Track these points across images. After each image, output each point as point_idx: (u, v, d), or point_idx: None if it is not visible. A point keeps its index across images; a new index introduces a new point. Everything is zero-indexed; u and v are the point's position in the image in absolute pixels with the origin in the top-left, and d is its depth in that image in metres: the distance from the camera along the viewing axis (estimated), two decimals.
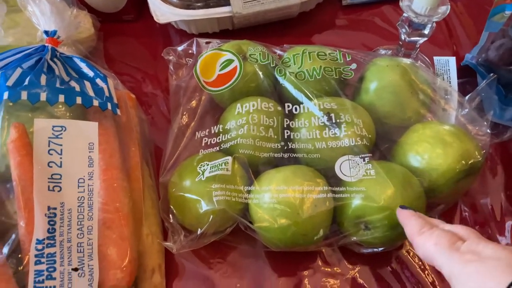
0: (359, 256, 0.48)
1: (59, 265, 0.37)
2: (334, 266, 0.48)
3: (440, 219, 0.39)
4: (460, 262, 0.32)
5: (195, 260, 0.49)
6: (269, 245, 0.45)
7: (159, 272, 0.46)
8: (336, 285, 0.47)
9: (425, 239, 0.35)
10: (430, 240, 0.35)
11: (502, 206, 0.53)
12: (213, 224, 0.44)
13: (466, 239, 0.34)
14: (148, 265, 0.45)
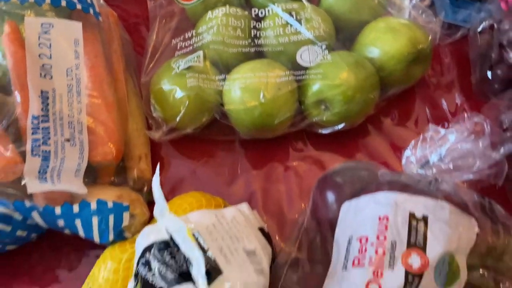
0: (324, 140, 0.53)
1: (53, 135, 0.43)
2: (302, 151, 0.54)
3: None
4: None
5: (177, 154, 0.55)
6: (241, 129, 0.51)
7: (145, 160, 0.51)
8: (304, 167, 0.53)
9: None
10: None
11: (456, 100, 0.58)
12: (189, 111, 0.49)
13: None
14: (135, 153, 0.51)
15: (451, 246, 0.33)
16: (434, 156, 0.42)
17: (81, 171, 0.44)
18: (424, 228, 0.34)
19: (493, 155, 0.41)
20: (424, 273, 0.32)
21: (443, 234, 0.34)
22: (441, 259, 0.33)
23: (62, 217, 0.41)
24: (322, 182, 0.43)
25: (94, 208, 0.42)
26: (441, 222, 0.34)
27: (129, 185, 0.48)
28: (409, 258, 0.33)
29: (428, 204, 0.35)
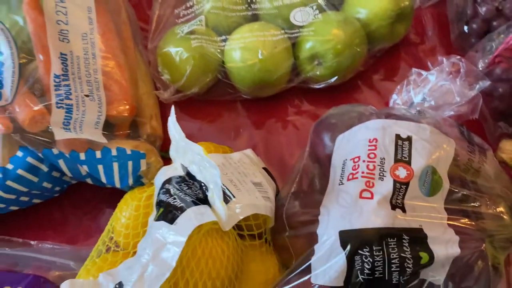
0: (318, 95, 0.58)
1: (73, 91, 0.47)
2: (298, 107, 0.59)
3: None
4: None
5: (184, 115, 0.60)
6: (242, 87, 0.56)
7: (156, 118, 0.56)
8: (302, 121, 0.58)
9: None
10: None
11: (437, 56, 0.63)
12: (194, 71, 0.54)
13: None
14: (146, 113, 0.55)
15: (432, 160, 0.38)
16: (418, 97, 0.47)
17: (100, 123, 0.48)
18: (408, 146, 0.39)
19: (469, 92, 0.46)
20: (409, 182, 0.37)
21: (425, 150, 0.39)
22: (424, 171, 0.38)
23: (86, 163, 0.46)
24: (318, 125, 0.47)
25: (115, 154, 0.47)
26: (423, 140, 0.39)
27: (143, 139, 0.52)
28: (397, 170, 0.37)
29: (411, 126, 0.40)
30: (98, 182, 0.50)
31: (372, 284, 0.34)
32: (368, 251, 0.34)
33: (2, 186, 0.46)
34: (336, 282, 0.35)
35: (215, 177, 0.36)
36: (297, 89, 0.59)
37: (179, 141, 0.40)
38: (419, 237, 0.35)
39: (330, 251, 0.35)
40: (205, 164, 0.37)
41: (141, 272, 0.35)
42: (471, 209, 0.39)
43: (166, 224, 0.37)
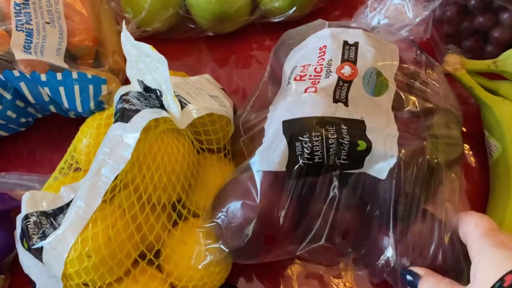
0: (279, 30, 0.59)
1: (34, 18, 0.48)
2: (260, 42, 0.61)
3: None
4: (489, 244, 0.33)
5: None
6: (203, 22, 0.57)
7: (119, 54, 0.57)
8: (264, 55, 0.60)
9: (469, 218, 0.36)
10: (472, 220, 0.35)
11: None
12: (154, 6, 0.55)
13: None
14: (109, 48, 0.56)
15: (376, 63, 0.40)
16: (375, 19, 0.49)
17: (61, 51, 0.49)
18: (355, 50, 0.41)
19: (422, 11, 0.48)
20: (353, 80, 0.39)
21: (370, 53, 0.40)
22: (369, 71, 0.40)
23: (47, 85, 0.47)
24: (277, 46, 0.49)
25: (75, 77, 0.48)
26: (369, 46, 0.41)
27: (105, 69, 0.53)
28: (342, 69, 0.39)
29: (358, 33, 0.42)
30: (61, 110, 0.51)
31: (312, 168, 0.36)
32: (308, 137, 0.36)
33: None
34: (279, 167, 0.36)
35: (164, 73, 0.37)
36: (258, 26, 0.61)
37: (132, 51, 0.41)
38: (358, 127, 0.37)
39: (273, 139, 0.37)
40: (155, 64, 0.38)
41: (98, 167, 0.37)
42: (416, 110, 0.41)
43: (122, 124, 0.38)
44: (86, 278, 0.36)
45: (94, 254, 0.35)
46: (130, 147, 0.36)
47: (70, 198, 0.41)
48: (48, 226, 0.39)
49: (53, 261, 0.36)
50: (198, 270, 0.39)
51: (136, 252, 0.37)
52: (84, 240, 0.35)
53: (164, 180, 0.38)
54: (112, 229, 0.36)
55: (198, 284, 0.39)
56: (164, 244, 0.39)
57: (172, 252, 0.39)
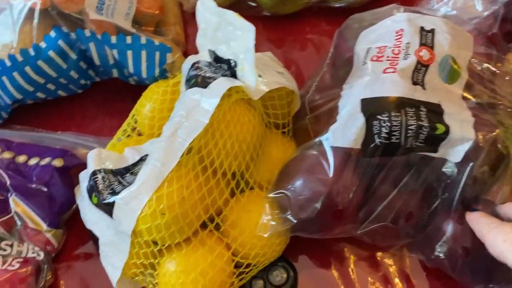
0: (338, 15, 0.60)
1: None
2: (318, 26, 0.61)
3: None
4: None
5: None
6: (264, 1, 0.57)
7: (180, 26, 0.57)
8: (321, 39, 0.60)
9: (494, 236, 0.35)
10: (498, 237, 0.34)
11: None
12: None
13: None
14: (170, 17, 0.56)
15: (452, 51, 0.40)
16: (442, 10, 0.49)
17: (130, 15, 0.50)
18: (431, 36, 0.41)
19: (491, 5, 0.48)
20: (430, 65, 0.39)
21: (446, 41, 0.41)
22: (445, 58, 0.40)
23: (116, 47, 0.47)
24: (342, 28, 0.49)
25: (144, 42, 0.48)
26: (445, 33, 0.41)
27: (168, 38, 0.54)
28: (421, 52, 0.39)
29: (435, 20, 0.42)
30: (123, 75, 0.51)
31: (388, 148, 0.36)
32: (387, 116, 0.36)
33: (33, 65, 0.48)
34: (353, 144, 0.37)
35: (249, 40, 0.37)
36: (317, 9, 0.61)
37: (210, 19, 0.41)
38: (436, 111, 0.37)
39: (349, 116, 0.37)
40: (237, 32, 0.39)
41: (174, 128, 0.37)
42: (488, 101, 0.42)
43: (200, 89, 0.38)
44: (157, 235, 0.37)
45: (168, 212, 0.36)
46: (209, 113, 0.37)
47: (135, 160, 0.42)
48: (116, 184, 0.40)
49: (125, 216, 0.37)
50: (261, 238, 0.39)
51: (206, 215, 0.38)
52: (159, 198, 0.36)
53: (236, 148, 0.39)
54: (186, 189, 0.36)
55: (259, 253, 0.40)
56: (231, 210, 0.40)
57: (238, 218, 0.39)
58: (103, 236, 0.40)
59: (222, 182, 0.39)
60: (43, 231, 0.43)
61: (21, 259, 0.43)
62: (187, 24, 0.61)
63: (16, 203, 0.43)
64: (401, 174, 0.38)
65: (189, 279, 0.38)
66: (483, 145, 0.38)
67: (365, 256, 0.45)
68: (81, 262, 0.47)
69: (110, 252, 0.41)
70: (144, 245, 0.38)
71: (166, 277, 0.39)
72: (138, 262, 0.40)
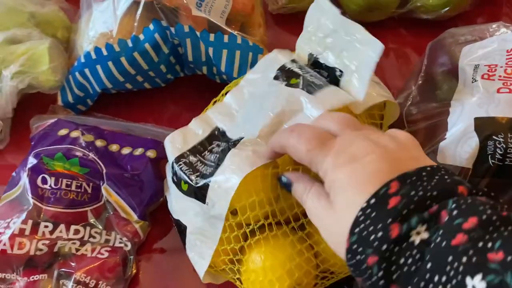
0: (423, 28, 0.59)
1: None
2: (402, 37, 0.60)
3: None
4: (333, 168, 0.28)
5: (283, 32, 0.62)
6: (353, 5, 0.57)
7: (263, 28, 0.57)
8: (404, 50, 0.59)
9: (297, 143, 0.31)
10: (302, 145, 0.30)
11: None
12: None
13: (338, 134, 0.31)
14: (256, 18, 0.57)
15: None
16: None
17: (225, 14, 0.50)
18: None
19: None
20: None
21: None
22: None
23: (213, 44, 0.48)
24: (436, 43, 0.49)
25: (239, 42, 0.48)
26: None
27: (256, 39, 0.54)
28: None
29: None
30: (211, 73, 0.51)
31: (502, 170, 0.36)
32: (503, 137, 0.36)
33: (129, 56, 0.48)
34: (466, 163, 0.36)
35: (371, 58, 0.37)
36: (402, 20, 0.60)
37: (325, 22, 0.41)
38: None
39: (462, 135, 0.37)
40: (356, 45, 0.38)
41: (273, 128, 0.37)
42: None
43: (305, 93, 0.38)
44: (251, 213, 0.36)
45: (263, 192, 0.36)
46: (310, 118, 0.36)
47: (205, 135, 0.41)
48: (200, 165, 0.39)
49: (219, 198, 0.36)
50: None
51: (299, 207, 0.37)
52: (254, 178, 0.35)
53: None
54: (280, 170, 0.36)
55: (338, 263, 0.39)
56: None
57: None
58: (191, 225, 0.40)
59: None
60: (132, 221, 0.44)
61: (109, 248, 0.43)
62: (267, 26, 0.61)
63: (108, 192, 0.44)
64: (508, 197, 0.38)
65: (276, 263, 0.38)
66: None
67: None
68: (161, 255, 0.47)
69: (198, 241, 0.41)
70: (235, 227, 0.38)
71: (251, 273, 0.39)
72: (228, 247, 0.39)
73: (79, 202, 0.43)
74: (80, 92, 0.52)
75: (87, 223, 0.44)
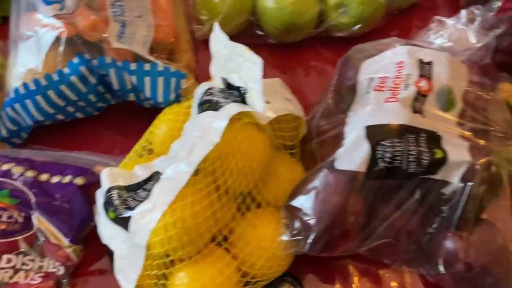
0: (340, 44, 0.63)
1: (127, 11, 0.52)
2: (321, 54, 0.65)
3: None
4: None
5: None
6: (271, 30, 0.61)
7: (191, 53, 0.61)
8: (324, 67, 0.64)
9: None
10: None
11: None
12: (231, 11, 0.59)
13: None
14: (183, 45, 0.60)
15: (449, 81, 0.44)
16: (437, 41, 0.53)
17: (147, 43, 0.53)
18: (430, 67, 0.44)
19: (484, 37, 0.52)
20: (428, 95, 0.43)
21: (444, 73, 0.44)
22: (442, 88, 0.43)
23: (135, 73, 0.51)
24: (345, 58, 0.53)
25: (161, 69, 0.51)
26: (442, 65, 0.45)
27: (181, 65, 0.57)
28: (420, 83, 0.43)
29: (433, 53, 0.46)
30: (139, 99, 0.54)
31: (391, 171, 0.40)
32: (390, 142, 0.39)
33: (56, 89, 0.51)
34: (359, 168, 0.40)
35: (256, 72, 0.41)
36: (320, 38, 0.65)
37: (222, 50, 0.45)
38: (434, 137, 0.41)
39: (355, 142, 0.41)
40: (247, 64, 0.42)
41: (191, 148, 0.40)
42: (481, 127, 0.45)
43: (212, 112, 0.42)
44: (169, 247, 0.39)
45: (180, 224, 0.39)
46: (219, 131, 0.39)
47: (145, 176, 0.44)
48: (130, 199, 0.42)
49: (140, 229, 0.40)
50: (266, 251, 0.42)
51: (216, 227, 0.41)
52: (173, 211, 0.39)
53: (247, 166, 0.42)
54: (198, 204, 0.39)
55: (265, 265, 0.42)
56: (238, 224, 0.43)
57: (245, 232, 0.43)
58: (118, 250, 0.43)
59: (232, 198, 0.42)
60: (64, 246, 0.46)
61: (42, 274, 0.45)
62: (197, 50, 0.65)
63: (39, 221, 0.46)
64: (404, 195, 0.42)
65: (198, 286, 0.41)
66: (479, 168, 0.41)
67: (368, 272, 0.48)
68: (96, 277, 0.49)
69: (124, 266, 0.44)
70: (157, 257, 0.41)
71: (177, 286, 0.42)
72: (151, 273, 0.42)
73: (10, 232, 0.45)
74: (13, 126, 0.54)
75: (20, 252, 0.46)
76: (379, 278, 0.47)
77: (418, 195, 0.42)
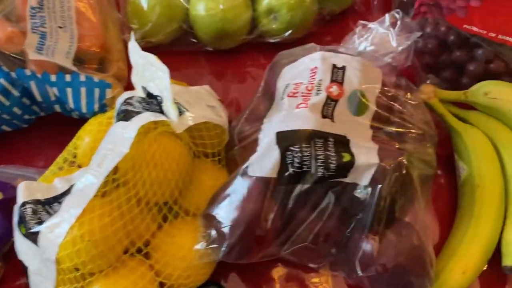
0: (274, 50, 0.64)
1: (48, 22, 0.52)
2: (256, 60, 0.65)
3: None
4: None
5: None
6: (204, 38, 0.61)
7: (123, 62, 0.60)
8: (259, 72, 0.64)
9: None
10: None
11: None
12: (160, 18, 0.59)
13: None
14: (114, 54, 0.60)
15: (361, 85, 0.45)
16: (362, 45, 0.54)
17: (71, 54, 0.53)
18: (342, 72, 0.45)
19: (405, 41, 0.53)
20: (339, 100, 0.43)
21: (356, 77, 0.45)
22: (354, 92, 0.44)
23: (56, 85, 0.50)
24: (272, 64, 0.53)
25: (83, 80, 0.51)
26: (355, 69, 0.45)
27: (110, 75, 0.57)
28: (331, 88, 0.44)
29: (346, 58, 0.47)
30: (65, 110, 0.54)
31: (301, 176, 0.40)
32: (298, 147, 0.40)
33: None
34: (270, 174, 0.40)
35: (165, 81, 0.41)
36: (255, 45, 0.65)
37: (138, 60, 0.45)
38: (343, 141, 0.41)
39: (267, 148, 0.41)
40: (158, 73, 0.42)
41: (101, 161, 0.40)
42: (396, 129, 0.46)
43: (124, 122, 0.41)
44: (77, 261, 0.39)
45: (88, 237, 0.38)
46: (128, 141, 0.39)
47: (64, 189, 0.44)
48: (44, 213, 0.42)
49: (48, 244, 0.39)
50: (184, 261, 0.42)
51: (127, 239, 0.41)
52: (80, 224, 0.38)
53: (161, 176, 0.42)
54: (108, 216, 0.39)
55: (183, 275, 0.42)
56: (153, 235, 0.43)
57: (161, 242, 0.42)
58: (31, 266, 0.42)
59: (146, 210, 0.42)
60: None
61: None
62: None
63: None
64: (317, 198, 0.42)
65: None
66: (389, 169, 0.42)
67: (292, 276, 0.48)
68: None
69: (38, 281, 0.43)
70: (68, 271, 0.40)
71: None
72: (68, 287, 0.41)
73: None
74: None
75: None
76: (304, 281, 0.48)
77: (332, 198, 0.42)
